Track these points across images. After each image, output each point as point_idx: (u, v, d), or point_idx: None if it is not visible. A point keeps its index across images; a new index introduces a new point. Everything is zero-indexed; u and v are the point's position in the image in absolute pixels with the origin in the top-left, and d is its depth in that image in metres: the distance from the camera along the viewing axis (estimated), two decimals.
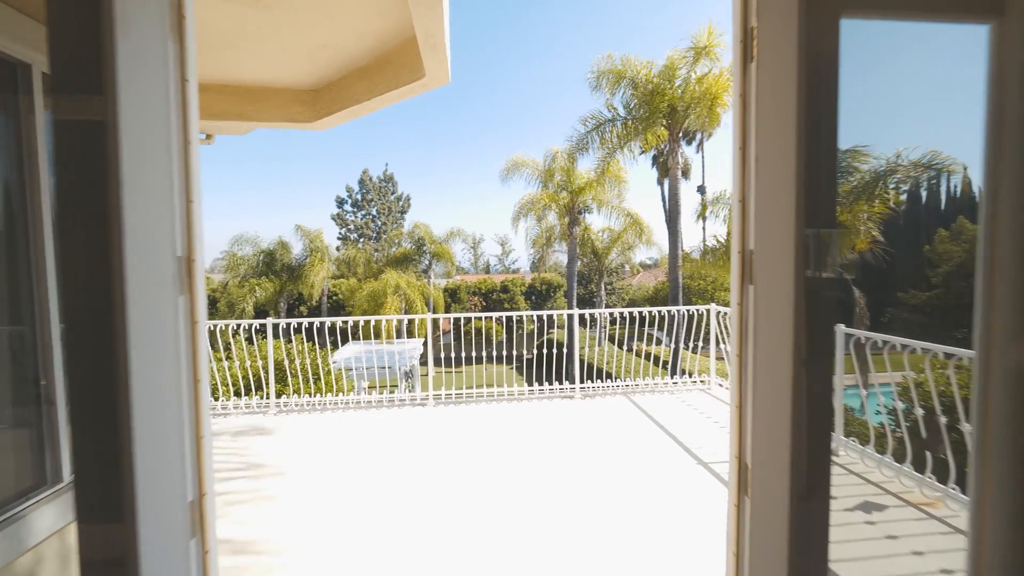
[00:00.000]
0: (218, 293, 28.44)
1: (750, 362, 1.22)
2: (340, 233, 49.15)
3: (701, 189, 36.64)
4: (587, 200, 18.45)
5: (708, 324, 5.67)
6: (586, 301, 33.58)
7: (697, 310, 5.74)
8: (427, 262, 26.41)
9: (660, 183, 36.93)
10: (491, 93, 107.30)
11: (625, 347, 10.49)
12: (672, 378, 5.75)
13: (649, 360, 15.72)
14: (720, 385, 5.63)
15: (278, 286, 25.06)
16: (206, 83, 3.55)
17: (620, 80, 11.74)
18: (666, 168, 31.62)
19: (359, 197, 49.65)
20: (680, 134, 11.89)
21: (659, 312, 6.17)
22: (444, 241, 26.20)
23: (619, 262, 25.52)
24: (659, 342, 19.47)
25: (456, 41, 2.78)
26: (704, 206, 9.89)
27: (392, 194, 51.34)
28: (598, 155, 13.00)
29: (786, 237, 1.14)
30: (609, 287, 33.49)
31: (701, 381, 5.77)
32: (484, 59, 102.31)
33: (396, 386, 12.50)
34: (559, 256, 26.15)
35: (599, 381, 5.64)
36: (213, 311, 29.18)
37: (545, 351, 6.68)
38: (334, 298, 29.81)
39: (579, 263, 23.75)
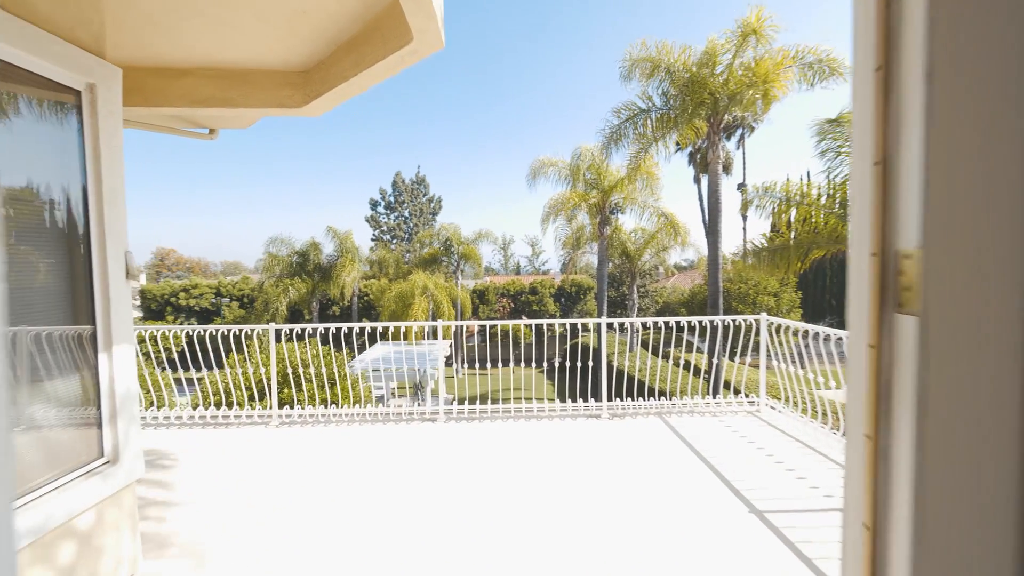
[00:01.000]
0: (255, 292, 29.37)
1: (903, 447, 0.66)
2: (374, 235, 50.16)
3: (742, 187, 34.88)
4: (618, 199, 17.66)
5: (758, 335, 4.93)
6: (617, 304, 32.55)
7: (744, 320, 5.02)
8: (455, 263, 26.23)
9: (697, 181, 35.38)
10: (523, 93, 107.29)
11: (660, 354, 9.74)
12: (714, 397, 5.05)
13: (688, 370, 14.78)
14: (772, 408, 4.88)
15: (310, 286, 25.54)
16: (186, 67, 3.23)
17: (655, 69, 10.97)
18: (705, 163, 30.41)
19: (392, 199, 50.49)
20: (721, 126, 10.98)
21: (699, 322, 5.48)
22: (472, 242, 25.95)
23: (652, 264, 24.45)
24: (698, 350, 18.36)
25: (490, 42, 2.28)
26: (746, 202, 8.98)
27: (424, 196, 51.94)
28: (631, 150, 12.23)
29: (1012, 227, 0.57)
30: (642, 290, 32.34)
31: (749, 402, 5.04)
32: (517, 60, 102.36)
33: (423, 386, 12.18)
34: (589, 258, 25.37)
35: (630, 400, 5.02)
36: (250, 310, 30.16)
37: (575, 361, 6.06)
38: (365, 299, 30.19)
39: (610, 265, 22.91)
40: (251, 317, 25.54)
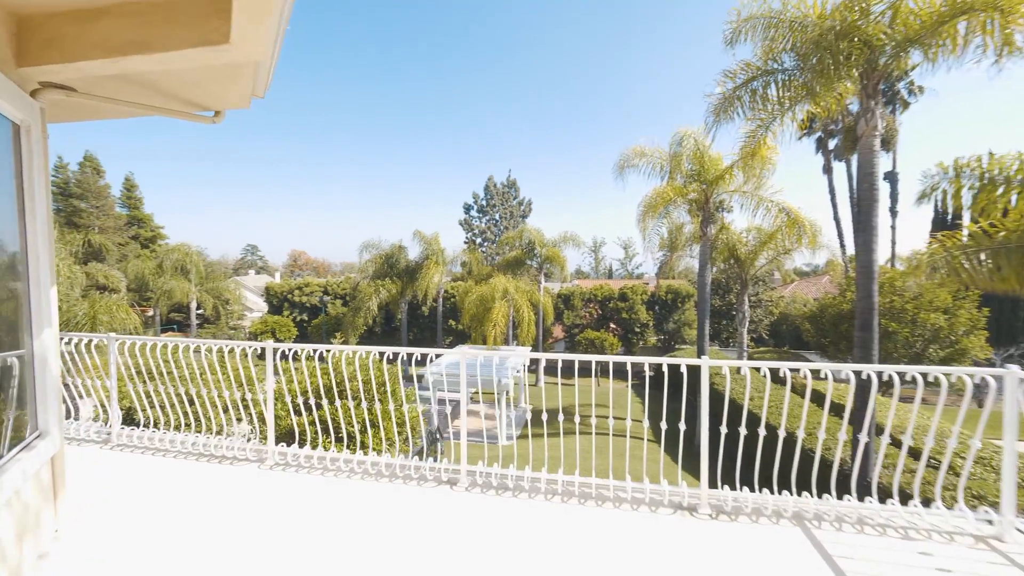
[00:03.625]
0: (352, 292, 31.25)
1: None
2: (466, 238, 51.41)
3: (891, 176, 28.51)
4: (723, 196, 14.88)
5: (983, 391, 2.80)
6: (722, 315, 28.61)
7: (970, 375, 2.90)
8: (536, 266, 25.02)
9: (827, 171, 29.72)
10: (617, 101, 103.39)
11: (773, 376, 7.39)
12: (903, 504, 3.01)
13: (822, 407, 11.65)
14: None
15: (400, 287, 26.30)
16: (103, 5, 2.36)
17: (775, 26, 8.52)
18: (852, 141, 25.58)
19: (484, 203, 51.30)
20: (877, 86, 8.10)
21: (877, 375, 3.44)
22: (556, 245, 24.52)
23: (767, 269, 20.63)
24: (838, 379, 14.46)
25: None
26: (933, 186, 6.17)
27: (514, 199, 51.92)
28: (744, 129, 9.80)
29: None
30: (754, 298, 28.01)
31: (982, 519, 2.90)
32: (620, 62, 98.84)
33: (440, 436, 10.96)
34: (690, 261, 22.28)
35: (747, 490, 3.21)
36: (344, 308, 32.24)
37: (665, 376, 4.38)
38: (451, 300, 30.47)
39: (713, 270, 19.83)
40: (348, 314, 27.05)
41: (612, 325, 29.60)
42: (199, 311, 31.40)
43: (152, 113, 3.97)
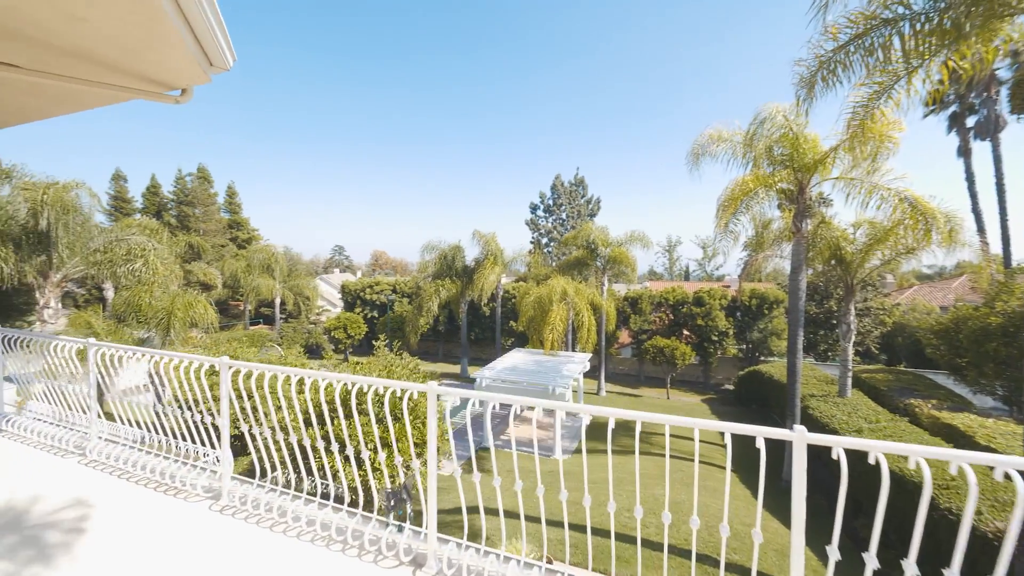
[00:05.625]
0: (416, 291, 31.87)
1: None
2: (532, 238, 50.79)
3: None
4: (825, 181, 12.40)
5: None
6: (820, 323, 24.85)
7: None
8: (600, 267, 23.44)
9: (963, 153, 24.49)
10: (695, 99, 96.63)
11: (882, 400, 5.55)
12: None
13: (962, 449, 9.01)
14: None
15: (460, 287, 26.21)
16: None
17: None
18: (996, 121, 21.31)
19: (551, 202, 50.31)
20: None
21: None
22: (622, 244, 22.77)
23: (878, 271, 17.18)
24: (985, 411, 11.26)
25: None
26: None
27: (582, 197, 50.29)
28: (854, 97, 7.74)
29: None
30: (861, 306, 23.95)
31: None
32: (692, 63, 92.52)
33: (408, 494, 9.87)
34: (780, 262, 19.28)
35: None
36: (401, 303, 32.94)
37: (747, 390, 3.12)
38: (511, 301, 29.87)
39: (809, 272, 17.00)
40: (410, 313, 27.55)
41: (685, 332, 27.02)
42: (283, 307, 34.00)
43: (111, 101, 3.68)
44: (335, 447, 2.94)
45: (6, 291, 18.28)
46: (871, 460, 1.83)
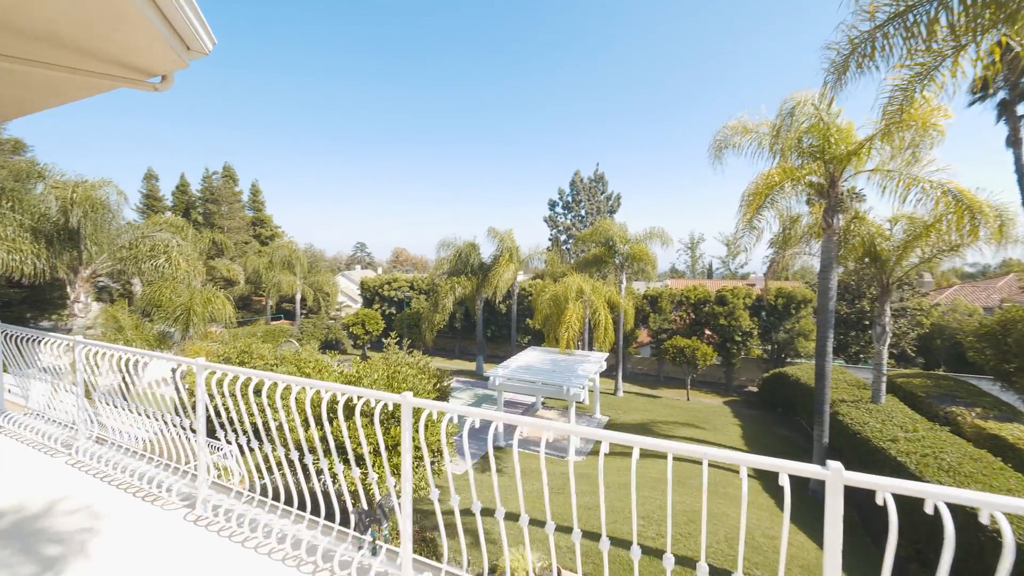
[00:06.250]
0: (431, 288, 31.88)
1: None
2: (551, 235, 50.28)
3: None
4: (860, 173, 11.61)
5: None
6: (851, 324, 23.69)
7: None
8: (619, 264, 22.86)
9: (1013, 143, 22.83)
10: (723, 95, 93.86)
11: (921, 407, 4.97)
12: None
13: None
14: None
15: (475, 284, 26.05)
16: None
17: None
18: None
19: (569, 199, 49.66)
20: None
21: None
22: (641, 241, 22.15)
23: (917, 270, 16.14)
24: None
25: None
26: None
27: (601, 193, 49.48)
28: (893, 80, 7.08)
29: None
30: (896, 306, 22.72)
31: None
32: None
33: (382, 515, 9.68)
34: (809, 260, 18.26)
35: None
36: (419, 300, 33.00)
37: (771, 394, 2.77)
38: (528, 299, 29.54)
39: (839, 270, 16.14)
40: (426, 310, 27.56)
41: (707, 332, 26.18)
42: (303, 302, 34.57)
43: (93, 91, 3.59)
44: (308, 458, 2.73)
45: (41, 286, 19.05)
46: (928, 509, 1.46)
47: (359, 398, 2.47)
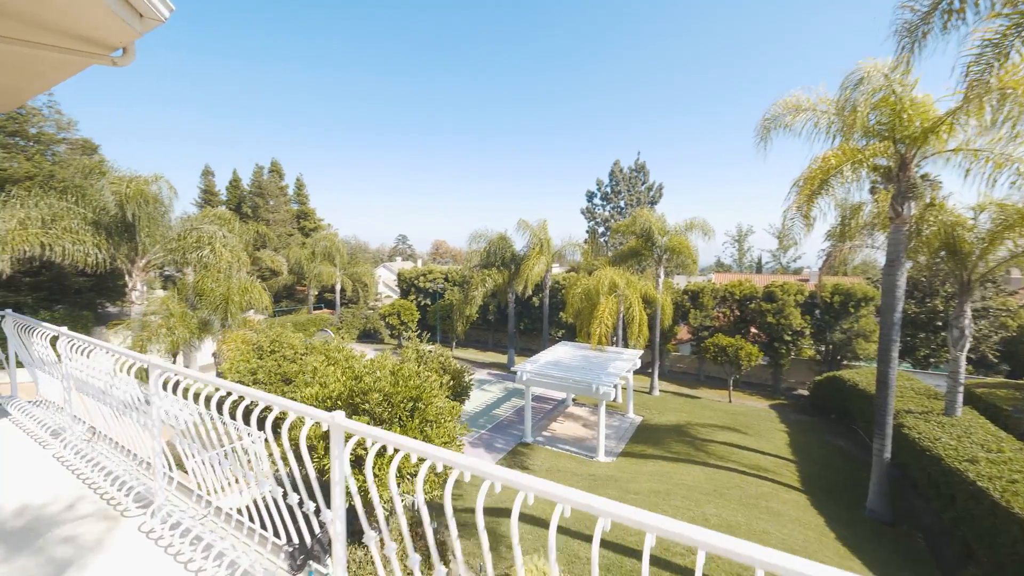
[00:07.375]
0: (464, 280, 31.84)
1: None
2: (588, 226, 49.04)
3: None
4: (937, 155, 10.09)
5: None
6: (920, 325, 21.38)
7: None
8: (657, 257, 21.71)
9: None
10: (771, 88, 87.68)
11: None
12: None
13: None
14: None
15: (506, 276, 25.68)
16: None
17: None
18: None
19: (608, 190, 48.16)
20: None
21: None
22: (680, 233, 20.90)
23: (1006, 265, 14.08)
24: None
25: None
26: None
27: (642, 184, 47.64)
28: (982, 33, 5.88)
29: None
30: (978, 306, 20.22)
31: None
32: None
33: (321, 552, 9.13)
34: (873, 254, 16.33)
35: None
36: (453, 292, 32.99)
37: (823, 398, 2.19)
38: (561, 292, 28.84)
39: (908, 265, 14.38)
40: (458, 302, 27.53)
41: (753, 330, 24.50)
42: (343, 293, 35.59)
43: (63, 70, 3.43)
44: (251, 476, 2.41)
45: (103, 275, 20.52)
46: None
47: (283, 412, 2.11)
